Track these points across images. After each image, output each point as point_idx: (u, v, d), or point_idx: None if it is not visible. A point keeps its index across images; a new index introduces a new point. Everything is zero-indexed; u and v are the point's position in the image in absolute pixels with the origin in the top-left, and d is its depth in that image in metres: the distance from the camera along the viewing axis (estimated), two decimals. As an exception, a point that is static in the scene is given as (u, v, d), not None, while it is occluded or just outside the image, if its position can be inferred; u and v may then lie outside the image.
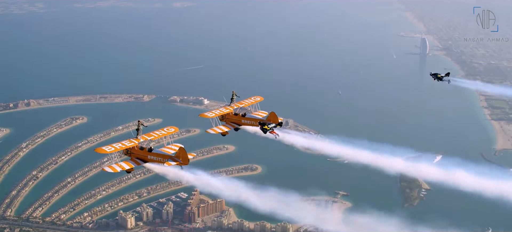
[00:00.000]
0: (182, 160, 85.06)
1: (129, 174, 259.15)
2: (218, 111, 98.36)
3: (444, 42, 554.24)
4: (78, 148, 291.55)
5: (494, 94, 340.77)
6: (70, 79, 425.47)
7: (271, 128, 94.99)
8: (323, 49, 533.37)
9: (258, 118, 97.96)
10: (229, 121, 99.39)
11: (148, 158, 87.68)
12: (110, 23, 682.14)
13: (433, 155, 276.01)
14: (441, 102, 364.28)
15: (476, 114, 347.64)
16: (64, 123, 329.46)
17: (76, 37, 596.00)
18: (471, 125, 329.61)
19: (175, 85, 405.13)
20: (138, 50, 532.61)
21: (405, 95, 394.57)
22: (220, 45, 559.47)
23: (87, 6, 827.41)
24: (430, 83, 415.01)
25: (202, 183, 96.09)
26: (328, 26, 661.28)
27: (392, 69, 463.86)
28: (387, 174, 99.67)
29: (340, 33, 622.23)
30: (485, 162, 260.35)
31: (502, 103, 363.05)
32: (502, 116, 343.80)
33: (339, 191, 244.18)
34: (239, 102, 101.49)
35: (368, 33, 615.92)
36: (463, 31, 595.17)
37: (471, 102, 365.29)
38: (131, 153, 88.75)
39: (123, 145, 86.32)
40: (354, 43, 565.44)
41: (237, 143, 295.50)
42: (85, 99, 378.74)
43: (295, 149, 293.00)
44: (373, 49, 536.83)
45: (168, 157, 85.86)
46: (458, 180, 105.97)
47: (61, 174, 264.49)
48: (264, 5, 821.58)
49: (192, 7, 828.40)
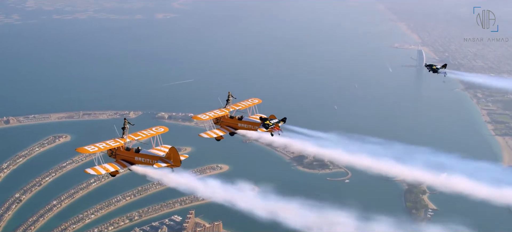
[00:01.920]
0: (173, 161, 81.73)
1: (119, 196, 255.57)
2: (213, 113, 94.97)
3: (440, 54, 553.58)
4: (62, 168, 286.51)
5: (492, 87, 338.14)
6: (51, 95, 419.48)
7: (274, 123, 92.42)
8: (315, 62, 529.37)
9: (257, 121, 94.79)
10: (225, 125, 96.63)
11: (135, 159, 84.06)
12: (90, 36, 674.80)
13: (438, 172, 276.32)
14: (441, 117, 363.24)
15: (479, 130, 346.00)
16: (46, 142, 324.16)
17: (56, 50, 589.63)
18: (476, 141, 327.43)
19: (162, 101, 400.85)
20: (121, 64, 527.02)
21: (403, 110, 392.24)
22: (207, 58, 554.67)
23: (65, 17, 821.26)
24: (428, 97, 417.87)
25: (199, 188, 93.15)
26: (319, 38, 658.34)
27: (388, 82, 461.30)
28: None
29: (332, 45, 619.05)
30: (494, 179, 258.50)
31: (505, 118, 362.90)
32: (506, 131, 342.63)
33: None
34: (235, 105, 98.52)
35: (361, 45, 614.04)
36: (459, 42, 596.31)
37: (473, 117, 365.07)
38: (116, 154, 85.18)
39: (108, 145, 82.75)
40: (347, 56, 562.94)
41: (231, 162, 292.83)
42: (68, 116, 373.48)
43: (294, 167, 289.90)
44: (367, 61, 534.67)
45: (157, 158, 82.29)
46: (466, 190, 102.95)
47: (46, 197, 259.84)
48: (251, 16, 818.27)
49: (175, 18, 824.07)
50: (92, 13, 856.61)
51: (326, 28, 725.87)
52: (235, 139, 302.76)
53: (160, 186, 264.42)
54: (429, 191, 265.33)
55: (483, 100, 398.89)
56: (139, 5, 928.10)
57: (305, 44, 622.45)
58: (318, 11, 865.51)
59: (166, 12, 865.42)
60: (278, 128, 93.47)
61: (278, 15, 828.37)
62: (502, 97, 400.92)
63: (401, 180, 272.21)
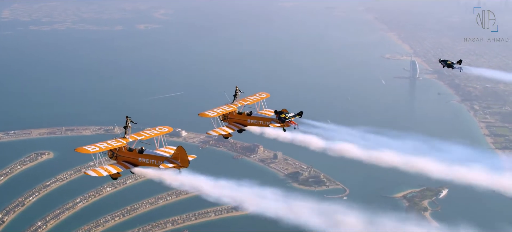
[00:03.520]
0: (181, 161, 78.82)
1: (107, 216, 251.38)
2: (220, 109, 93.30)
3: (433, 65, 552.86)
4: (46, 187, 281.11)
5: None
6: (32, 110, 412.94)
7: (289, 117, 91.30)
8: (303, 75, 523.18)
9: (267, 117, 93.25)
10: (233, 121, 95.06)
11: (138, 160, 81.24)
12: (70, 47, 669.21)
13: (438, 189, 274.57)
14: (438, 131, 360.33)
15: (479, 145, 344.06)
16: (28, 159, 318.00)
17: (34, 63, 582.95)
18: (475, 156, 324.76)
19: (147, 115, 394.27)
20: (104, 77, 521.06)
21: (398, 123, 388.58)
22: (193, 70, 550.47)
23: (43, 28, 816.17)
24: (423, 110, 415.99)
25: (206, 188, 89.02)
26: (306, 49, 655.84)
27: (381, 94, 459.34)
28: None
29: (320, 56, 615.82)
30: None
31: (504, 131, 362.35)
32: (506, 144, 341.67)
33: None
34: (243, 100, 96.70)
35: (351, 56, 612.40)
36: (452, 52, 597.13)
37: (471, 130, 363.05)
38: (118, 155, 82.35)
39: (109, 145, 79.95)
40: (337, 67, 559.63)
41: (222, 179, 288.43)
42: (50, 131, 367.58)
43: (289, 184, 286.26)
44: (358, 73, 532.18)
45: (163, 158, 79.45)
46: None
47: (30, 217, 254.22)
48: (232, 28, 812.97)
49: (156, 29, 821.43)
50: (70, 24, 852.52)
51: (314, 39, 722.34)
52: (226, 155, 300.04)
53: (150, 205, 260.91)
54: (431, 208, 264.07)
55: (481, 112, 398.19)
56: (118, 16, 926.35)
57: (292, 55, 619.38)
58: (304, 22, 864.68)
59: (147, 23, 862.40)
60: (294, 122, 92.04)
61: (261, 27, 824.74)
62: (500, 109, 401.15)
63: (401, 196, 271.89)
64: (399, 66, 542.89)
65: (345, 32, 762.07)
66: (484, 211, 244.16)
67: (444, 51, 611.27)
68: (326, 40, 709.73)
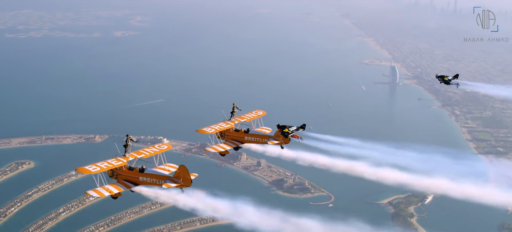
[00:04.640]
0: (183, 180, 77.55)
1: (91, 227, 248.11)
2: (218, 126, 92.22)
3: (412, 70, 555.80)
4: (28, 197, 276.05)
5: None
6: (10, 118, 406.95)
7: (292, 131, 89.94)
8: (281, 83, 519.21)
9: (264, 134, 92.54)
10: (230, 138, 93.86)
11: (139, 179, 79.76)
12: (47, 54, 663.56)
13: (423, 195, 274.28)
14: (422, 136, 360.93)
15: (462, 150, 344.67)
16: (8, 169, 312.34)
17: (11, 70, 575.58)
18: (459, 160, 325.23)
19: (129, 123, 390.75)
20: (83, 84, 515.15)
21: (380, 129, 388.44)
22: (173, 77, 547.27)
23: (19, 36, 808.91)
24: (405, 115, 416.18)
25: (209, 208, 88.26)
26: (284, 56, 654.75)
27: (362, 100, 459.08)
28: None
29: (299, 62, 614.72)
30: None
31: (486, 135, 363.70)
32: (488, 149, 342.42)
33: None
34: (240, 117, 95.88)
35: (330, 62, 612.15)
36: (431, 58, 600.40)
37: (455, 135, 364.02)
38: (118, 174, 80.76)
39: (110, 165, 78.36)
40: (316, 74, 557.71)
41: (206, 186, 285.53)
42: (30, 140, 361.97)
43: (273, 191, 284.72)
44: (337, 79, 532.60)
45: (165, 177, 78.05)
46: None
47: (12, 229, 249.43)
48: (210, 35, 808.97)
49: (134, 36, 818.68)
50: (47, 32, 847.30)
51: (291, 45, 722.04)
52: (209, 162, 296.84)
53: (135, 214, 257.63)
54: (417, 214, 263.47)
55: (462, 117, 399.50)
56: (95, 23, 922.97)
57: (271, 62, 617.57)
58: (281, 28, 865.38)
59: (124, 30, 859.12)
60: (297, 136, 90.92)
61: (239, 34, 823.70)
62: (481, 114, 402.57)
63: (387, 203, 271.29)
64: (379, 72, 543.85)
65: (323, 38, 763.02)
66: (471, 217, 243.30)
67: (422, 57, 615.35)
68: (305, 47, 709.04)
